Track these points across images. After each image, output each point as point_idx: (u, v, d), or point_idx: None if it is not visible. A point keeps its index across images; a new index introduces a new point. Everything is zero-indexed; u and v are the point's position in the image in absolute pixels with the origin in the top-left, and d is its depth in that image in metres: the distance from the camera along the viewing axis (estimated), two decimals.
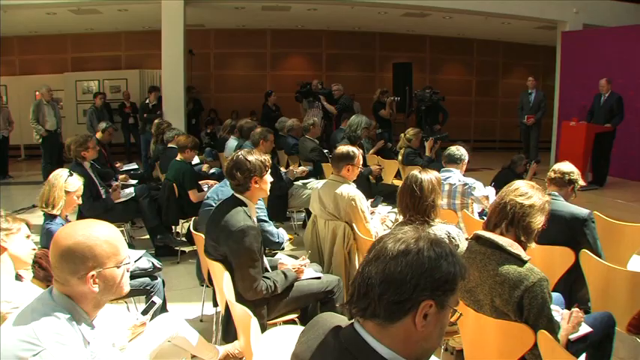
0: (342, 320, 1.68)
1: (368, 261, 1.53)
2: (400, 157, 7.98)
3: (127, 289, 2.07)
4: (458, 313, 1.58)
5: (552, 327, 2.61)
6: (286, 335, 3.02)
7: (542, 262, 3.76)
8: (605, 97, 9.98)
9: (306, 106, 11.99)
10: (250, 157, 3.55)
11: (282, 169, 7.28)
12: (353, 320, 1.57)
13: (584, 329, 2.99)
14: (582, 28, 12.77)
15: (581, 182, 4.43)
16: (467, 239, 3.02)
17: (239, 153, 3.63)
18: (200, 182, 6.58)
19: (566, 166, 4.41)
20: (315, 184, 6.46)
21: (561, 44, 12.90)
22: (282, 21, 14.51)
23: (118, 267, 2.00)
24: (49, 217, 3.93)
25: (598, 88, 10.10)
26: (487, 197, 5.15)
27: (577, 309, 2.96)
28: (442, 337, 1.56)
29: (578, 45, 12.36)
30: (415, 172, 3.70)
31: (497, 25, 13.80)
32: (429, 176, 3.63)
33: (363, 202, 4.48)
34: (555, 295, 3.49)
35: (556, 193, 4.16)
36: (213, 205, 4.35)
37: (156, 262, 4.19)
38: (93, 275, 1.93)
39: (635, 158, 10.87)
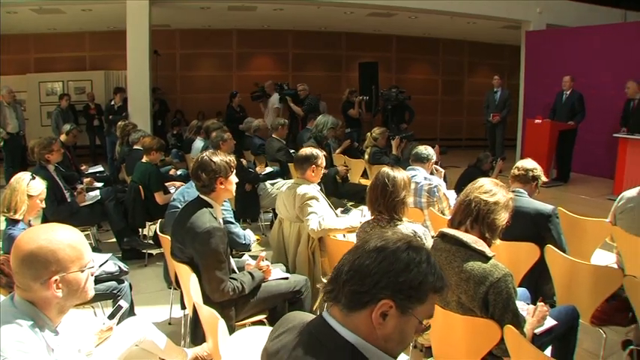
0: (312, 317, 1.71)
1: (350, 250, 1.59)
2: (367, 157, 8.02)
3: (91, 293, 2.05)
4: (426, 326, 1.59)
5: (518, 321, 2.65)
6: (255, 336, 3.02)
7: (508, 258, 3.81)
8: (567, 95, 10.15)
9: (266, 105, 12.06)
10: (215, 158, 3.54)
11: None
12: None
13: (550, 322, 3.05)
14: (546, 27, 13.00)
15: (544, 178, 4.49)
16: (433, 237, 3.05)
17: (204, 154, 3.62)
18: (167, 184, 6.54)
19: (529, 163, 4.49)
20: (282, 184, 6.46)
21: (525, 44, 13.09)
22: (248, 21, 14.45)
23: (82, 271, 1.97)
24: (11, 222, 3.84)
25: (561, 86, 10.26)
26: (447, 198, 5.21)
27: (542, 303, 3.01)
28: (403, 345, 1.57)
29: (542, 44, 12.57)
30: (387, 169, 3.73)
31: (462, 24, 13.94)
32: (401, 174, 3.66)
33: (317, 204, 4.46)
34: (521, 290, 3.54)
35: (520, 190, 4.22)
36: (180, 206, 4.32)
37: (122, 265, 4.15)
38: (56, 280, 1.89)
39: (598, 155, 11.06)
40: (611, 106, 10.37)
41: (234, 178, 3.66)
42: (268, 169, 7.61)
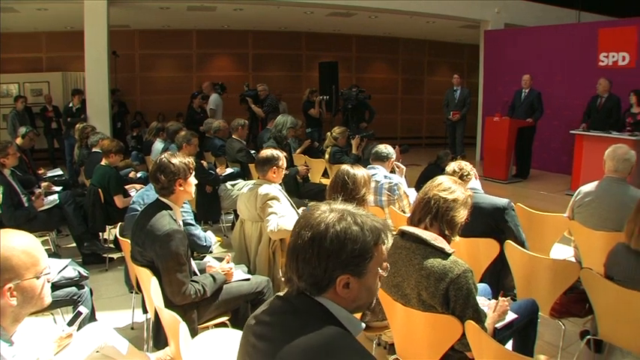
0: None
1: (290, 245, 1.69)
2: (327, 156, 8.03)
3: (47, 300, 2.01)
4: (387, 266, 1.72)
5: (479, 317, 2.68)
6: (218, 338, 3.00)
7: (468, 255, 3.88)
8: (526, 93, 10.33)
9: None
10: (174, 160, 3.51)
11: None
12: None
13: (510, 316, 3.09)
14: (504, 27, 13.23)
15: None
16: (393, 235, 3.07)
17: (162, 156, 3.59)
18: (127, 187, 6.47)
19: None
20: (242, 185, 6.44)
21: (484, 43, 13.34)
22: (207, 21, 14.38)
23: (38, 278, 1.93)
24: None
25: (519, 85, 10.45)
26: (407, 195, 5.25)
27: (503, 298, 3.05)
28: (373, 295, 1.72)
29: (500, 43, 12.81)
30: (347, 166, 3.75)
31: (422, 24, 14.07)
32: (361, 171, 3.68)
33: (277, 205, 4.46)
34: (482, 285, 3.60)
35: (476, 187, 4.26)
36: (139, 209, 4.27)
37: (82, 270, 4.07)
38: (10, 288, 1.85)
39: (556, 151, 11.30)
40: (568, 103, 10.64)
41: (193, 180, 3.63)
42: (229, 170, 7.58)
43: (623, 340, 3.46)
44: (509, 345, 3.24)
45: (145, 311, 4.01)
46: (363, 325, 1.71)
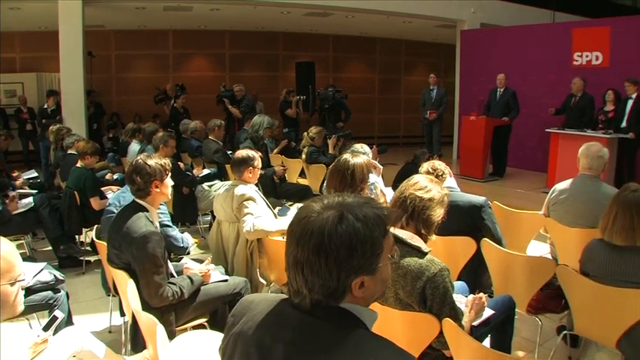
0: (278, 297, 1.66)
1: (288, 258, 1.52)
2: (304, 156, 8.03)
3: (20, 308, 1.98)
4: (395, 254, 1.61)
5: (456, 314, 2.71)
6: (196, 340, 2.99)
7: (446, 253, 3.90)
8: (501, 92, 10.40)
9: None
10: (150, 162, 3.49)
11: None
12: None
13: (487, 313, 3.11)
14: (480, 27, 13.34)
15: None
16: None
17: (139, 158, 3.57)
18: (103, 189, 6.41)
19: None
20: (219, 186, 6.43)
21: (460, 42, 13.43)
22: (184, 21, 14.29)
23: (12, 284, 1.91)
24: None
25: (495, 84, 10.52)
26: (385, 194, 5.27)
27: (480, 294, 3.07)
28: (386, 283, 1.61)
29: (476, 43, 12.91)
30: (347, 156, 3.74)
31: (399, 23, 14.11)
32: (360, 160, 3.68)
33: (253, 205, 4.46)
34: (459, 283, 3.62)
35: (453, 186, 4.29)
36: (115, 211, 4.23)
37: (58, 274, 4.03)
38: None
39: (532, 149, 11.41)
40: (543, 102, 10.71)
41: (169, 181, 3.62)
42: (205, 171, 7.56)
43: (597, 334, 3.53)
44: (486, 342, 3.26)
45: (123, 314, 3.98)
46: (378, 313, 1.64)
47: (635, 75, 8.96)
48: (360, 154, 3.83)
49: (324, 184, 3.84)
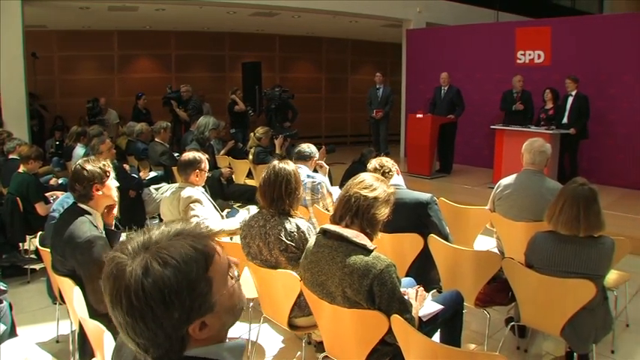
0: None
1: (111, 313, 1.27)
2: (251, 157, 8.00)
3: None
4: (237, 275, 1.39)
5: (406, 308, 2.74)
6: None
7: (393, 250, 3.95)
8: (445, 90, 10.59)
9: None
10: (88, 166, 3.41)
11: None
12: None
13: (435, 307, 3.16)
14: (425, 26, 13.50)
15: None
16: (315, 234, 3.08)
17: (77, 163, 3.50)
18: (47, 194, 6.26)
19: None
20: (166, 188, 6.37)
21: (406, 41, 13.60)
22: (129, 22, 14.04)
23: None
24: None
25: (439, 82, 10.68)
26: (331, 194, 5.30)
27: (418, 287, 3.16)
28: (239, 302, 1.38)
29: (422, 42, 13.08)
30: (282, 164, 3.70)
31: (345, 23, 14.15)
32: (290, 166, 3.67)
33: (200, 208, 4.44)
34: (407, 279, 3.66)
35: (399, 183, 4.32)
36: None
37: (0, 284, 3.93)
38: None
39: (478, 146, 11.63)
40: (488, 99, 10.96)
41: (112, 183, 3.53)
42: (152, 174, 7.47)
43: (543, 324, 3.64)
44: (436, 337, 3.30)
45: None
46: (244, 341, 1.45)
47: (575, 72, 9.25)
48: (290, 163, 3.80)
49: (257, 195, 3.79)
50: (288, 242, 3.42)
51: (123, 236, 4.42)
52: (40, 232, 4.85)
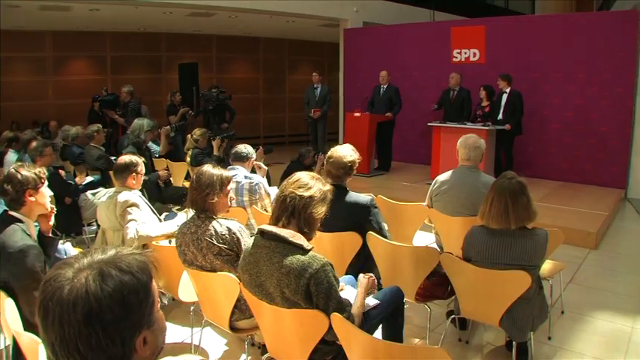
0: None
1: (53, 353, 1.26)
2: (188, 159, 7.91)
3: None
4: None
5: (342, 307, 2.75)
6: None
7: (332, 249, 3.97)
8: (384, 88, 10.70)
9: None
10: (22, 171, 3.31)
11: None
12: None
13: (372, 302, 3.18)
14: (362, 25, 13.60)
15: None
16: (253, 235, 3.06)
17: (11, 167, 3.39)
18: None
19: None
20: (103, 193, 6.24)
21: (344, 41, 13.66)
22: (63, 22, 13.65)
23: None
24: None
25: (378, 81, 10.80)
26: (269, 194, 5.29)
27: (368, 274, 3.16)
28: (165, 332, 1.43)
29: (360, 41, 13.16)
30: (206, 168, 3.67)
31: (282, 23, 14.15)
32: (211, 171, 3.63)
33: (137, 211, 4.39)
34: (348, 277, 3.67)
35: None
36: None
37: None
38: None
39: (415, 143, 11.77)
40: (425, 97, 11.13)
41: (46, 191, 3.43)
42: (89, 179, 7.28)
43: (482, 315, 3.72)
44: (378, 333, 3.31)
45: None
46: None
47: (509, 70, 9.50)
48: (219, 167, 3.77)
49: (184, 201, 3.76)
50: (221, 245, 3.41)
51: (60, 243, 4.32)
52: None
